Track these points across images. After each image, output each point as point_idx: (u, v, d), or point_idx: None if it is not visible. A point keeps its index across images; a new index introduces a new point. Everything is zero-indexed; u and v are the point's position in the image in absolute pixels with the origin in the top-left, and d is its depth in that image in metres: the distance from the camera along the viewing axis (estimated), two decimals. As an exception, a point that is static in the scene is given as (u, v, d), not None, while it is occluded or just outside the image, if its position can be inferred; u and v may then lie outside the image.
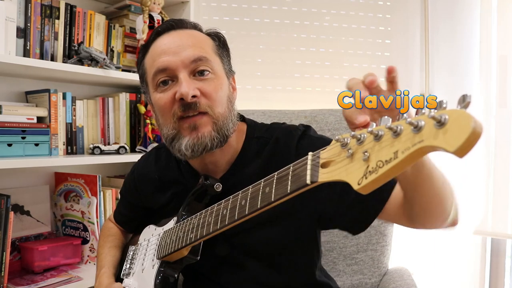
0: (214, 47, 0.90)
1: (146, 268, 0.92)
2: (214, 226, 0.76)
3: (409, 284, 1.17)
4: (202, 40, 0.89)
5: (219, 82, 0.87)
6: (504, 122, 1.91)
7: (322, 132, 1.32)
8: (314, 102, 1.87)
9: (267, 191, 0.66)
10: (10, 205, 1.31)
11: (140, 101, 1.81)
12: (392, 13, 2.14)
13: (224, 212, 0.75)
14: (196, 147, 0.84)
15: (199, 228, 0.79)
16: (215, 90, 0.85)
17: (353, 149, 0.51)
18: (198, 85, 0.84)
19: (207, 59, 0.85)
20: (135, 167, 1.12)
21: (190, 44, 0.86)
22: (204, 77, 0.85)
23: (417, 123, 0.44)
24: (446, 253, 2.05)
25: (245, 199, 0.71)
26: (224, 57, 0.92)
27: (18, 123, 1.41)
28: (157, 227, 0.99)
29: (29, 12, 1.44)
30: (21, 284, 1.34)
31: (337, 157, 0.54)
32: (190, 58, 0.84)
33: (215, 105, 0.85)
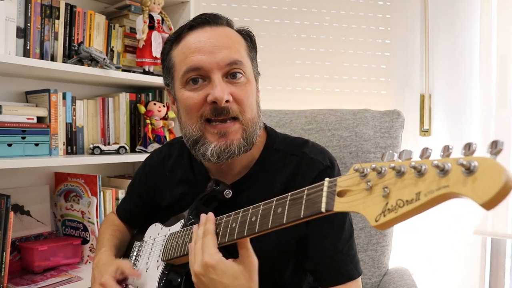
0: (246, 49, 0.88)
1: (150, 268, 0.92)
2: (222, 238, 0.74)
3: (409, 284, 1.17)
4: (237, 41, 0.87)
5: (250, 86, 0.86)
6: (504, 122, 1.91)
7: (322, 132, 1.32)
8: (314, 102, 1.87)
9: (279, 211, 0.65)
10: (10, 205, 1.31)
11: (140, 101, 1.81)
12: (392, 13, 2.14)
13: (233, 225, 0.73)
14: (223, 154, 0.83)
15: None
16: (246, 96, 0.84)
17: (372, 182, 0.50)
18: (230, 89, 0.82)
19: (242, 63, 0.83)
20: (147, 161, 1.11)
21: (226, 45, 0.83)
22: (236, 81, 0.83)
23: (443, 166, 0.43)
24: (446, 253, 2.05)
25: (255, 216, 0.69)
26: (254, 59, 0.91)
27: (18, 123, 1.41)
28: (163, 226, 0.98)
29: (29, 12, 1.44)
30: (21, 284, 1.34)
31: (355, 187, 0.53)
32: (226, 61, 0.82)
33: (246, 110, 0.84)
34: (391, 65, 2.15)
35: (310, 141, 0.95)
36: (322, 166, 0.88)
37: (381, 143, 1.29)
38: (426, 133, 2.09)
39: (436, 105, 2.08)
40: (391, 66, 2.15)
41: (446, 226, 2.05)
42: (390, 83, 2.15)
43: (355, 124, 1.32)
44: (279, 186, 0.88)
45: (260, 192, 0.89)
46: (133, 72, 1.72)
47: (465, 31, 2.01)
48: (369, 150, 1.29)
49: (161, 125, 1.80)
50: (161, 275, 0.87)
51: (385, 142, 1.29)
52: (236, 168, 0.91)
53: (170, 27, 1.81)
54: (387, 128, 1.31)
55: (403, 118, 1.34)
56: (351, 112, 1.37)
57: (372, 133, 1.30)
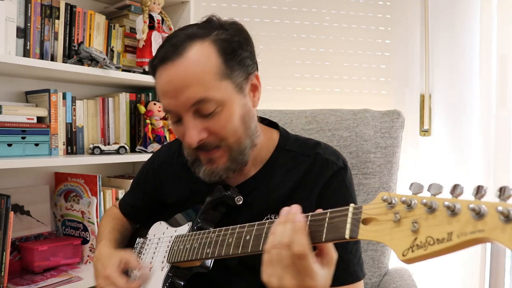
0: (218, 68, 0.80)
1: (154, 268, 0.92)
2: (234, 249, 0.73)
3: (409, 284, 1.17)
4: (201, 69, 0.79)
5: (228, 112, 0.81)
6: (504, 122, 1.91)
7: (322, 132, 1.32)
8: (314, 102, 1.87)
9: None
10: (10, 205, 1.30)
11: (140, 101, 1.81)
12: (392, 13, 2.14)
13: (247, 238, 0.71)
14: (212, 177, 0.85)
15: (217, 246, 0.76)
16: (223, 126, 0.81)
17: (401, 215, 0.49)
18: (204, 124, 0.81)
19: (206, 98, 0.78)
20: (156, 156, 1.10)
21: (186, 84, 0.78)
22: (208, 116, 0.80)
23: (479, 209, 0.42)
24: (446, 253, 2.05)
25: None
26: (235, 69, 0.82)
27: (18, 123, 1.41)
28: (169, 226, 0.97)
29: (29, 12, 1.44)
30: (21, 284, 1.34)
31: (381, 216, 0.52)
32: (189, 103, 0.79)
33: (227, 137, 0.82)
34: (391, 65, 2.15)
35: (323, 142, 0.95)
36: (336, 167, 0.88)
37: (381, 143, 1.29)
38: (426, 133, 2.09)
39: (436, 105, 2.08)
40: (391, 66, 2.15)
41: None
42: (390, 83, 2.15)
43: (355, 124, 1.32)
44: (290, 185, 0.88)
45: (270, 192, 0.89)
46: (133, 72, 1.72)
47: (465, 31, 2.01)
48: (369, 150, 1.29)
49: (161, 125, 1.80)
50: (166, 277, 0.86)
51: (385, 142, 1.29)
52: (246, 170, 0.91)
53: (170, 27, 1.81)
54: (387, 128, 1.31)
55: (403, 118, 1.34)
56: (351, 112, 1.37)
57: (372, 133, 1.30)
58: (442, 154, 2.06)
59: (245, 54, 0.84)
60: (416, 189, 0.51)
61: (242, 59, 0.83)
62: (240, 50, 0.83)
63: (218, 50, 0.80)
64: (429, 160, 2.08)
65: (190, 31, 0.82)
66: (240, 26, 0.86)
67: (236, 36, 0.83)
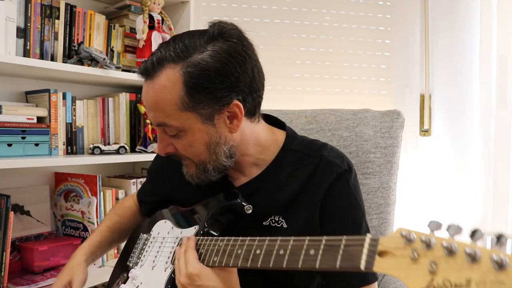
0: (180, 99, 0.80)
1: (157, 267, 0.91)
2: (243, 261, 0.72)
3: (409, 284, 1.17)
4: (164, 97, 0.81)
5: (190, 138, 0.84)
6: (504, 122, 1.91)
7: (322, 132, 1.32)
8: (314, 102, 1.87)
9: (311, 253, 0.63)
10: (10, 205, 1.31)
11: (140, 101, 1.81)
12: (392, 13, 2.14)
13: (257, 252, 0.71)
14: (188, 178, 0.91)
15: (225, 256, 0.76)
16: (184, 148, 0.86)
17: (419, 253, 0.49)
18: (171, 141, 0.87)
19: (165, 124, 0.83)
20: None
21: (151, 106, 0.84)
22: (174, 137, 0.85)
23: (501, 261, 0.41)
24: (446, 253, 2.05)
25: (283, 250, 0.67)
26: (201, 100, 0.80)
27: (18, 123, 1.41)
28: (174, 226, 0.96)
29: (29, 12, 1.44)
30: (21, 284, 1.34)
31: (398, 251, 0.52)
32: (155, 123, 0.86)
33: (191, 157, 0.87)
34: (391, 65, 2.15)
35: (329, 144, 0.95)
36: (340, 170, 0.88)
37: (381, 143, 1.29)
38: (426, 133, 2.09)
39: (436, 105, 2.08)
40: (391, 66, 2.15)
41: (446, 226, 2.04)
42: (390, 83, 2.15)
43: (355, 124, 1.32)
44: (295, 187, 0.88)
45: (275, 193, 0.89)
46: (133, 72, 1.72)
47: (465, 31, 2.01)
48: (369, 150, 1.29)
49: (161, 125, 1.80)
50: (168, 278, 0.86)
51: (385, 142, 1.29)
52: (249, 169, 0.92)
53: (170, 27, 1.81)
54: (387, 128, 1.31)
55: (403, 118, 1.34)
56: (351, 112, 1.37)
57: (372, 133, 1.30)
58: (442, 154, 2.06)
59: (219, 86, 0.80)
60: (434, 227, 0.51)
61: (211, 92, 0.80)
62: (210, 83, 0.79)
63: (184, 81, 0.79)
64: (429, 160, 2.08)
65: (167, 54, 0.81)
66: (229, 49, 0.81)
67: (211, 70, 0.79)
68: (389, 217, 1.29)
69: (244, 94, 0.83)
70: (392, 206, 1.30)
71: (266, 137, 0.92)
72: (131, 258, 1.00)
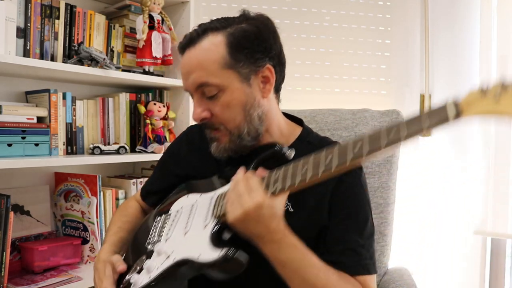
0: (223, 58, 0.88)
1: (191, 231, 0.87)
2: (315, 169, 0.73)
3: (409, 284, 1.17)
4: (208, 57, 0.88)
5: (228, 98, 0.89)
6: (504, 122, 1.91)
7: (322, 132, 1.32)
8: (314, 102, 1.87)
9: (393, 131, 0.66)
10: (10, 205, 1.31)
11: (140, 101, 1.81)
12: (392, 13, 2.14)
13: (329, 158, 0.72)
14: (220, 154, 0.93)
15: (286, 179, 0.76)
16: (221, 110, 0.89)
17: (499, 93, 0.60)
18: (208, 105, 0.90)
19: (208, 83, 0.88)
20: (190, 127, 1.15)
21: (193, 68, 0.89)
22: (211, 99, 0.89)
23: None
24: (446, 253, 2.05)
25: (361, 142, 0.69)
26: (241, 60, 0.89)
27: (18, 123, 1.41)
28: (202, 193, 0.94)
29: (29, 12, 1.44)
30: (21, 284, 1.34)
31: (479, 100, 0.62)
32: (194, 85, 0.90)
33: (226, 121, 0.90)
34: (391, 65, 2.15)
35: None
36: None
37: (381, 143, 1.29)
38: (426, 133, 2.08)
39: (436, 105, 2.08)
40: (391, 66, 2.15)
41: (446, 226, 2.05)
42: (390, 83, 2.15)
43: (355, 124, 1.32)
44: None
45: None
46: (133, 72, 1.72)
47: (465, 31, 2.01)
48: (369, 150, 1.29)
49: (161, 125, 1.80)
50: (213, 230, 0.82)
51: (385, 142, 1.29)
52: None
53: (170, 27, 1.81)
54: (387, 128, 1.31)
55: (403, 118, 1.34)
56: (350, 112, 1.37)
57: (372, 133, 1.30)
58: (442, 154, 2.06)
59: (256, 48, 0.91)
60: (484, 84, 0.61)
61: (250, 52, 0.90)
62: (249, 44, 0.90)
63: (227, 42, 0.89)
64: (429, 160, 2.08)
65: (210, 25, 0.92)
66: (263, 20, 0.96)
67: (250, 31, 0.91)
68: (388, 217, 1.29)
69: (275, 62, 0.94)
70: (392, 205, 1.30)
71: (286, 125, 1.00)
72: (149, 240, 0.95)
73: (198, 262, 0.78)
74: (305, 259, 0.80)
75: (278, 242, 0.78)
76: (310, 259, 0.80)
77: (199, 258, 0.78)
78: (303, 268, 0.79)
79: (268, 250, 0.79)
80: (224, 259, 0.75)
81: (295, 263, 0.79)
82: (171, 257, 0.84)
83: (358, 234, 0.88)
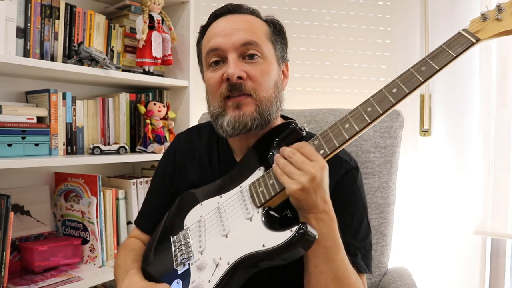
0: (268, 33, 0.93)
1: (233, 229, 0.82)
2: (361, 122, 0.78)
3: (409, 284, 1.17)
4: (256, 25, 0.92)
5: (267, 67, 0.90)
6: (504, 122, 1.91)
7: (322, 132, 1.32)
8: (314, 102, 1.87)
9: (423, 69, 0.76)
10: (10, 205, 1.31)
11: (140, 101, 1.81)
12: (392, 13, 2.14)
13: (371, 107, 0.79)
14: (237, 124, 0.88)
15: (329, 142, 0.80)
16: (261, 74, 0.88)
17: (500, 13, 0.75)
18: (245, 67, 0.88)
19: (257, 43, 0.89)
20: (178, 136, 1.13)
21: (243, 28, 0.89)
22: (252, 61, 0.89)
23: None
24: (446, 253, 2.05)
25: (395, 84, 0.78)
26: (278, 43, 0.95)
27: (18, 123, 1.41)
28: (222, 194, 0.90)
29: (29, 12, 1.44)
30: (21, 284, 1.34)
31: (483, 23, 0.76)
32: (241, 41, 0.88)
33: (260, 88, 0.88)
34: (391, 65, 2.15)
35: None
36: (349, 166, 0.93)
37: (381, 142, 1.29)
38: (426, 133, 2.09)
39: (436, 105, 2.08)
40: (391, 66, 2.15)
41: (446, 226, 2.05)
42: (390, 83, 2.14)
43: (355, 124, 1.32)
44: None
45: None
46: (133, 72, 1.72)
47: (465, 31, 2.01)
48: (368, 150, 1.29)
49: (161, 125, 1.80)
50: (265, 218, 0.79)
51: (385, 141, 1.29)
52: None
53: (170, 27, 1.81)
54: (387, 128, 1.31)
55: (403, 118, 1.34)
56: (351, 112, 1.37)
57: (372, 133, 1.30)
58: (442, 154, 2.06)
59: (284, 42, 0.98)
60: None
61: (282, 42, 0.96)
62: (283, 35, 0.97)
63: (268, 25, 0.95)
64: (429, 160, 2.08)
65: (244, 8, 0.95)
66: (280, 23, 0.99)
67: (282, 26, 0.98)
68: (388, 217, 1.29)
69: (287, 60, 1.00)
70: (392, 206, 1.30)
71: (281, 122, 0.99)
72: (177, 262, 0.87)
73: (267, 251, 0.74)
74: (339, 240, 0.80)
75: (327, 212, 0.78)
76: (341, 242, 0.81)
77: (265, 247, 0.75)
78: (337, 248, 0.80)
79: (317, 221, 0.78)
80: (300, 235, 0.72)
81: (332, 240, 0.79)
82: (223, 263, 0.79)
83: (352, 236, 0.89)
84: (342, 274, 0.80)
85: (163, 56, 1.80)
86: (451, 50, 0.78)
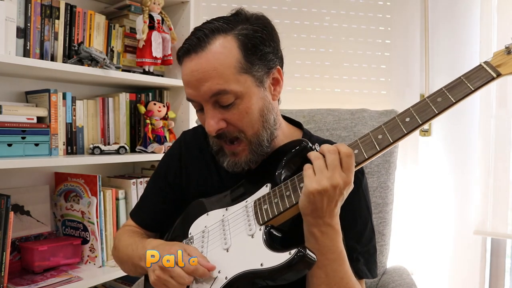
0: (239, 62, 0.83)
1: (235, 245, 0.83)
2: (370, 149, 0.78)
3: (408, 283, 1.17)
4: (222, 62, 0.82)
5: (246, 104, 0.84)
6: (504, 122, 1.91)
7: (321, 132, 1.32)
8: (314, 102, 1.87)
9: (439, 100, 0.76)
10: (10, 205, 1.31)
11: (140, 101, 1.81)
12: (392, 13, 2.14)
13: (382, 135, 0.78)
14: (235, 167, 0.89)
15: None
16: (240, 118, 0.84)
17: None
18: (224, 114, 0.84)
19: (226, 91, 0.82)
20: (184, 134, 1.09)
21: (207, 76, 0.82)
22: (226, 108, 0.84)
23: None
24: (446, 253, 2.05)
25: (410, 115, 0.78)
26: (256, 63, 0.85)
27: (18, 123, 1.41)
28: (228, 207, 0.90)
29: (29, 12, 1.45)
30: (21, 284, 1.34)
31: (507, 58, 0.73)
32: (209, 94, 0.83)
33: (244, 129, 0.86)
34: (391, 65, 2.15)
35: None
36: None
37: (381, 143, 1.29)
38: (426, 133, 2.09)
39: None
40: (391, 66, 2.15)
41: (446, 226, 2.05)
42: (390, 83, 2.15)
43: (353, 124, 1.32)
44: None
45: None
46: (133, 72, 1.72)
47: (465, 31, 2.01)
48: (368, 150, 1.29)
49: (161, 125, 1.80)
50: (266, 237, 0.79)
51: (385, 142, 1.29)
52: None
53: (170, 27, 1.81)
54: (386, 128, 1.31)
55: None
56: (349, 112, 1.37)
57: (371, 133, 1.30)
58: (442, 154, 2.06)
59: (267, 50, 0.87)
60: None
61: (263, 54, 0.86)
62: (262, 45, 0.86)
63: (240, 45, 0.84)
64: (429, 160, 2.08)
65: (215, 25, 0.85)
66: (266, 21, 0.90)
67: (259, 32, 0.86)
68: (387, 217, 1.29)
69: (281, 62, 0.91)
70: (391, 205, 1.30)
71: (287, 128, 0.98)
72: None
73: (264, 270, 0.74)
74: (343, 252, 0.79)
75: (333, 226, 0.77)
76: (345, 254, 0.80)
77: (263, 266, 0.75)
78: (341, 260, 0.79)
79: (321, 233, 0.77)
80: (298, 258, 0.72)
81: (336, 253, 0.78)
82: (221, 277, 0.79)
83: (356, 240, 0.88)
84: (345, 286, 0.80)
85: (163, 56, 1.80)
86: (470, 83, 0.75)
